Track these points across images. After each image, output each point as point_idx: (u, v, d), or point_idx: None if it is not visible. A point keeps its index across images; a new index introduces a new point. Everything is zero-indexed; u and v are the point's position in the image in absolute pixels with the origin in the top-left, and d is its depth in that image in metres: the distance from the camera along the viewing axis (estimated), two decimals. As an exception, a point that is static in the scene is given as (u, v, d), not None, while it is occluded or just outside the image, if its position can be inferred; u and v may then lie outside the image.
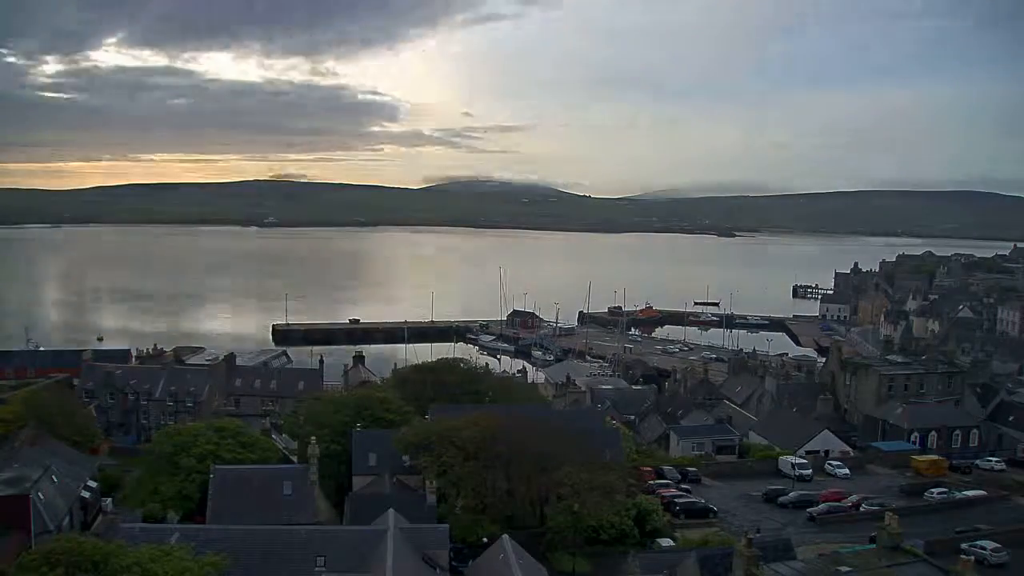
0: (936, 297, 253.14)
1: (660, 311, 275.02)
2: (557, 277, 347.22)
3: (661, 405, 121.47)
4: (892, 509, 67.04)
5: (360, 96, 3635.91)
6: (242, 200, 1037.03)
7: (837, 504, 76.33)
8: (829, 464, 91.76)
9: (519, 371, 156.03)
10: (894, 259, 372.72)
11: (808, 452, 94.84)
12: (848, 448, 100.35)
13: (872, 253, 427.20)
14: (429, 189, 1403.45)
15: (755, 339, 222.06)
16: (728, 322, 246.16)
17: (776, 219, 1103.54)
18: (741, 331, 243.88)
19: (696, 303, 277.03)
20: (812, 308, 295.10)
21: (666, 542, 62.45)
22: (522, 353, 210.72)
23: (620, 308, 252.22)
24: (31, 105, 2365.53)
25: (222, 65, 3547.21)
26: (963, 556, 50.60)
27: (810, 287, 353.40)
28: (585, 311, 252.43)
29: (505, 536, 50.83)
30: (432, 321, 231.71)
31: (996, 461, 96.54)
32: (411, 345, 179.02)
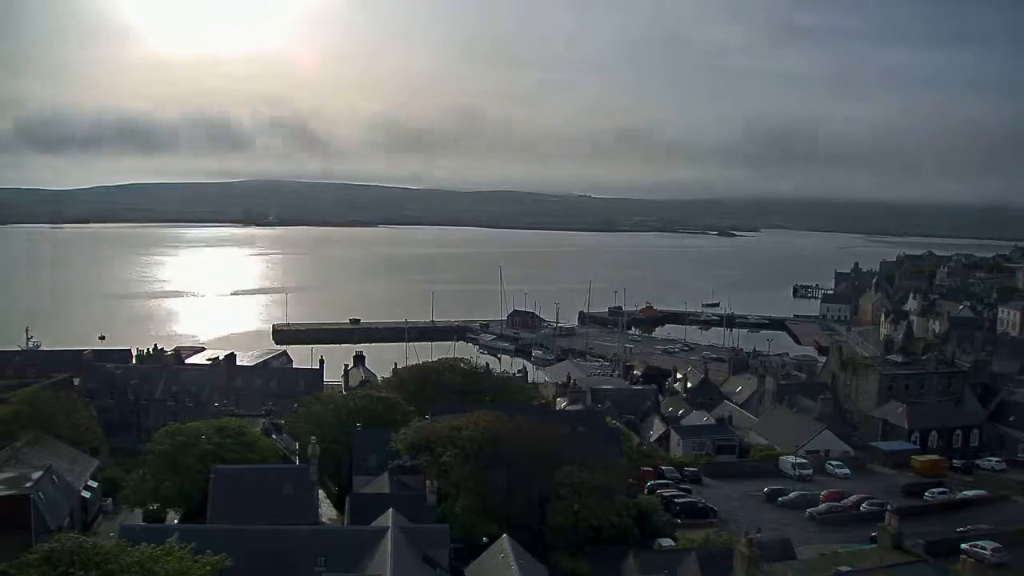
0: (936, 297, 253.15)
1: (660, 311, 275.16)
2: (557, 277, 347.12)
3: (661, 405, 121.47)
4: (892, 509, 67.07)
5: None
6: (240, 198, 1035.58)
7: (837, 504, 76.36)
8: (829, 464, 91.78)
9: (519, 371, 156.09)
10: (894, 259, 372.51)
11: (808, 452, 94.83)
12: (848, 448, 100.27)
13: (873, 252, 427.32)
14: (428, 188, 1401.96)
15: (755, 339, 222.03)
16: (728, 322, 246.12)
17: (776, 219, 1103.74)
18: (741, 331, 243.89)
19: (704, 304, 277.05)
20: (812, 308, 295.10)
21: (666, 542, 62.45)
22: (522, 353, 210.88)
23: (620, 308, 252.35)
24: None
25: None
26: (963, 556, 50.55)
27: (810, 287, 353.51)
28: (585, 311, 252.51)
29: (505, 536, 50.87)
30: (432, 321, 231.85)
31: (996, 461, 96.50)
32: (411, 344, 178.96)
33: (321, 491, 69.74)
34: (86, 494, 68.87)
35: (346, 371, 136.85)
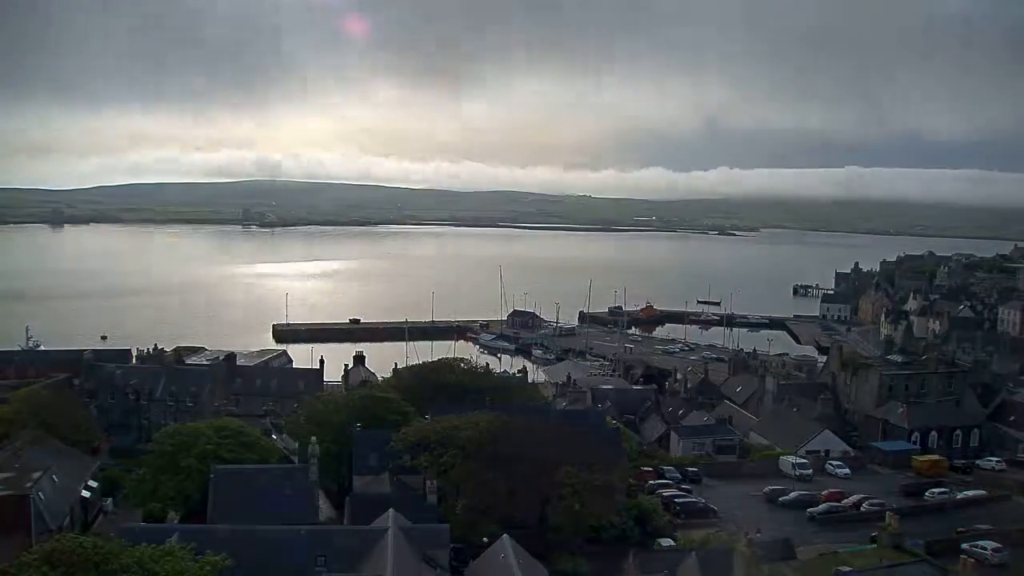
0: (937, 297, 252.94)
1: (660, 311, 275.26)
2: (557, 277, 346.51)
3: (661, 405, 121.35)
4: (892, 509, 67.16)
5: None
6: (240, 198, 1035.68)
7: (837, 504, 76.38)
8: (829, 464, 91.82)
9: (520, 371, 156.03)
10: (894, 259, 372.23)
11: (808, 452, 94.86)
12: (848, 448, 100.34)
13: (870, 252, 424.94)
14: (427, 188, 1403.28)
15: (755, 339, 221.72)
16: (728, 321, 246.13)
17: (774, 218, 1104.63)
18: (741, 330, 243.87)
19: (700, 301, 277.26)
20: (812, 308, 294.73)
21: (667, 542, 62.53)
22: (523, 352, 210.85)
23: (620, 308, 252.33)
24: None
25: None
26: (963, 556, 50.59)
27: (810, 287, 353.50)
28: (585, 311, 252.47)
29: (505, 536, 50.88)
30: (432, 320, 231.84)
31: (997, 461, 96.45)
32: (411, 344, 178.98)
33: (321, 491, 69.68)
34: (86, 494, 68.79)
35: (346, 371, 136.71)
